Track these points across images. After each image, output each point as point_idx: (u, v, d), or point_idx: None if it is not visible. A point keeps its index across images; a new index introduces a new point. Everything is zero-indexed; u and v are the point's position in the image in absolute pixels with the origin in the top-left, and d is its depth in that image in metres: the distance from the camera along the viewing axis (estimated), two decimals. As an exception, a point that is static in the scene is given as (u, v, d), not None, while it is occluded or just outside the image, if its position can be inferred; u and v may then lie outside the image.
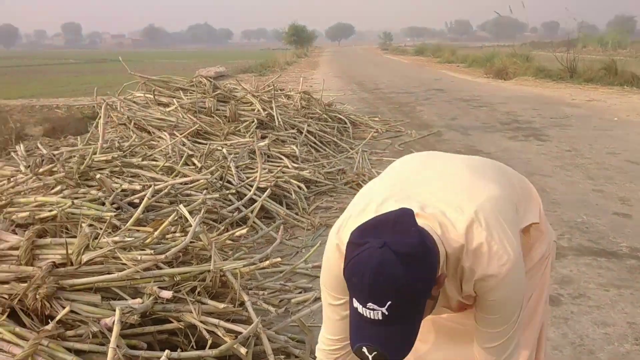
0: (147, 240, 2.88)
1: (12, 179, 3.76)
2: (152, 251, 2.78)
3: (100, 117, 4.97)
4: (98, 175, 3.73)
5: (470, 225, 1.34)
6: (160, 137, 5.71)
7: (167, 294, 2.63)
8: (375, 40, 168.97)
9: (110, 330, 2.53)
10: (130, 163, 4.19)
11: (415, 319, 1.20)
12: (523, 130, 9.72)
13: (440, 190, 1.41)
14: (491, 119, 10.92)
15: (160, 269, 2.81)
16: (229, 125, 6.30)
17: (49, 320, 2.52)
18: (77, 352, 2.45)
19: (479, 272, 1.35)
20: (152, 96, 6.64)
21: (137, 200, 3.98)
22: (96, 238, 2.85)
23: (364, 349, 1.18)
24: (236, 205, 4.55)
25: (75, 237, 2.97)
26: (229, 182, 5.25)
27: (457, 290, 1.43)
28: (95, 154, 4.25)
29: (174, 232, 3.17)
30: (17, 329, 2.42)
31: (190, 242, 3.03)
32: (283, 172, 5.65)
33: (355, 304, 1.16)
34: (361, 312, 1.15)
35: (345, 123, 9.05)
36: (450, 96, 15.00)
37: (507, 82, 19.33)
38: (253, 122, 6.47)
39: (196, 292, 2.74)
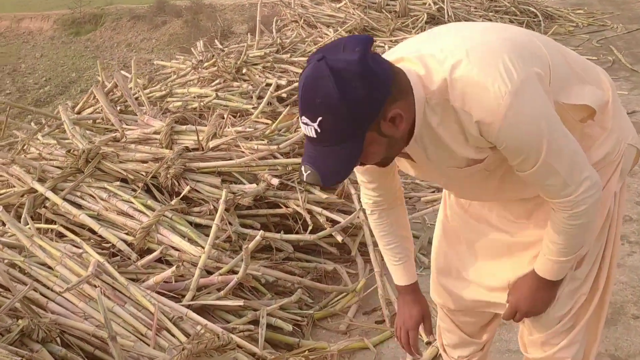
0: (267, 132, 3.09)
1: (175, 72, 4.21)
2: (268, 141, 2.99)
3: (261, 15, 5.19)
4: (244, 70, 4.00)
5: (458, 63, 1.21)
6: (325, 33, 5.84)
7: (275, 181, 2.85)
8: None
9: (227, 210, 2.84)
10: (281, 59, 4.40)
11: (351, 146, 1.16)
12: None
13: (440, 41, 1.30)
14: None
15: (277, 159, 3.02)
16: (396, 20, 6.20)
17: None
18: (196, 225, 2.80)
19: (475, 114, 1.21)
20: (325, -8, 6.75)
21: (284, 95, 4.22)
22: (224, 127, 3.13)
23: (302, 168, 1.20)
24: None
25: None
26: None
27: (460, 142, 1.29)
28: (250, 49, 4.52)
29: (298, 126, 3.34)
30: (149, 202, 2.83)
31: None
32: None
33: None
34: (303, 128, 1.17)
35: (538, 17, 8.29)
36: (685, -18, 12.76)
37: None
38: (422, 16, 6.27)
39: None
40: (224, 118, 3.20)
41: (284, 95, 4.20)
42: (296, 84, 4.22)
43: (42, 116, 4.42)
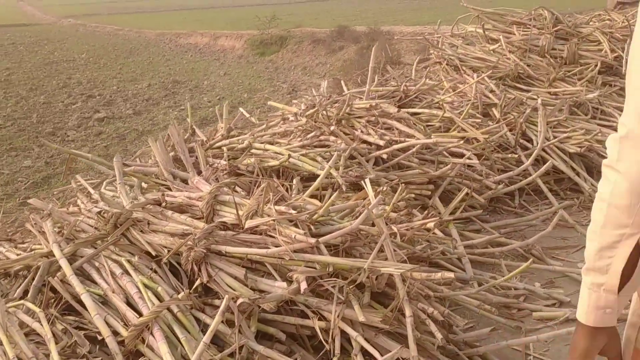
0: (314, 216, 2.49)
1: (265, 122, 3.77)
2: (306, 231, 2.39)
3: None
4: (332, 127, 3.43)
5: None
6: (468, 80, 5.05)
7: (303, 286, 2.24)
8: None
9: (241, 312, 2.30)
10: (387, 113, 3.75)
11: None
12: None
13: None
14: None
15: (321, 253, 2.41)
16: (560, 68, 5.19)
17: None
18: (206, 326, 2.29)
19: None
20: (481, 31, 5.91)
21: (384, 156, 3.58)
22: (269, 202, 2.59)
23: None
24: (519, 170, 3.72)
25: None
26: (528, 140, 4.35)
27: None
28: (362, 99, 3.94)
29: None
30: (159, 289, 2.38)
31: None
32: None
33: None
34: None
35: None
36: None
37: None
38: (595, 66, 5.18)
39: (344, 290, 2.26)
40: (272, 189, 2.67)
41: (385, 156, 3.56)
42: (397, 145, 3.56)
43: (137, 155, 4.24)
